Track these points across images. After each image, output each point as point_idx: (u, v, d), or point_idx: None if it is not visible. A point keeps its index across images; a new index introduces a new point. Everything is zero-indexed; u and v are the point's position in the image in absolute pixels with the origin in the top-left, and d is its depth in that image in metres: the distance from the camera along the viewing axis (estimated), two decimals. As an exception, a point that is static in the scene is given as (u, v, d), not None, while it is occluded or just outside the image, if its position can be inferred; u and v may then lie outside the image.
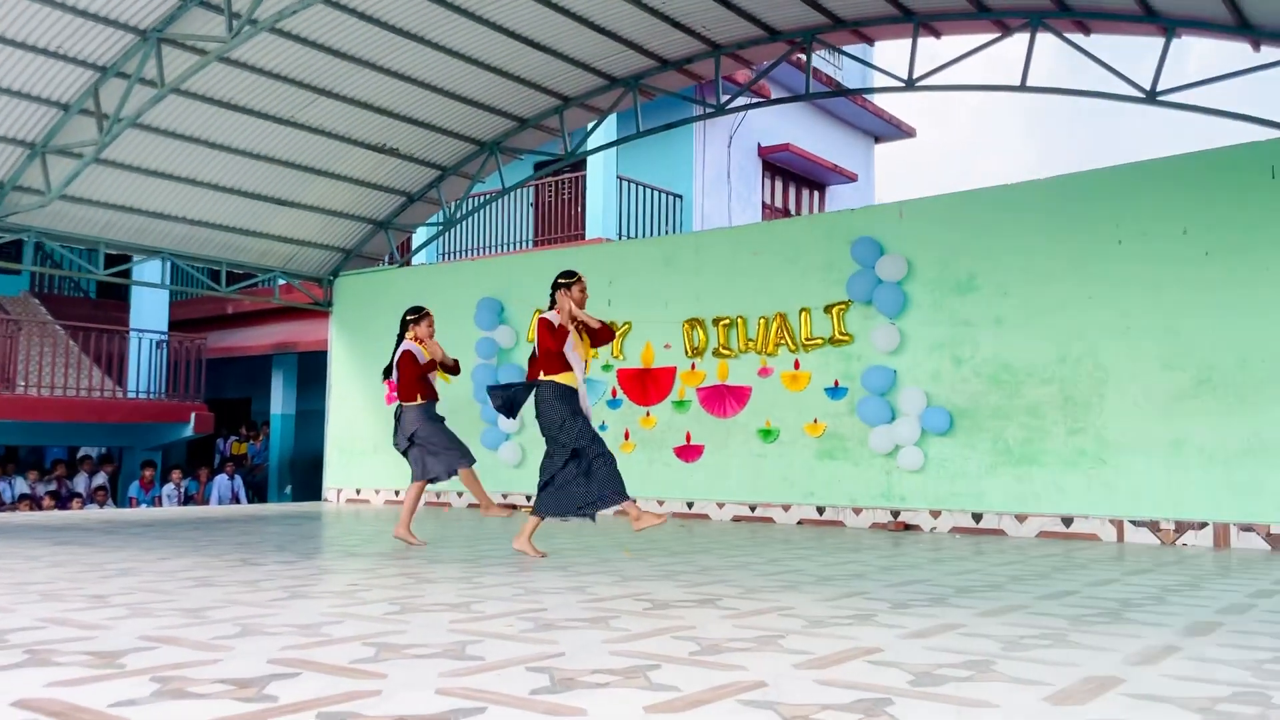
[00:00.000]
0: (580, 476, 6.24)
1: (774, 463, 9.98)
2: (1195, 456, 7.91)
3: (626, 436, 10.99)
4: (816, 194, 19.17)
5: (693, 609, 4.25)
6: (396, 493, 12.88)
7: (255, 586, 4.94)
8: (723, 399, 10.29)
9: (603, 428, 11.18)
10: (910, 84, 9.46)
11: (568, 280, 6.57)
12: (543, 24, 10.03)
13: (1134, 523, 8.13)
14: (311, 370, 18.53)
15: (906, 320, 9.30)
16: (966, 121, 59.31)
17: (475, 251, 16.67)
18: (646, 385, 10.89)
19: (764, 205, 17.50)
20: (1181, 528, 7.93)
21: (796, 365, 9.92)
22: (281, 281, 13.63)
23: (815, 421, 9.75)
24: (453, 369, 7.60)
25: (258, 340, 17.59)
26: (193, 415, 16.23)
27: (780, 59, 10.40)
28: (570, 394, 6.31)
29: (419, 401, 7.39)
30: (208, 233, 12.42)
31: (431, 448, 7.35)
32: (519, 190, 15.76)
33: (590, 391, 11.21)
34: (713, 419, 10.36)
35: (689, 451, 10.47)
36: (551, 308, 6.58)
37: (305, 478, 18.79)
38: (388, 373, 7.62)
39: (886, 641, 3.51)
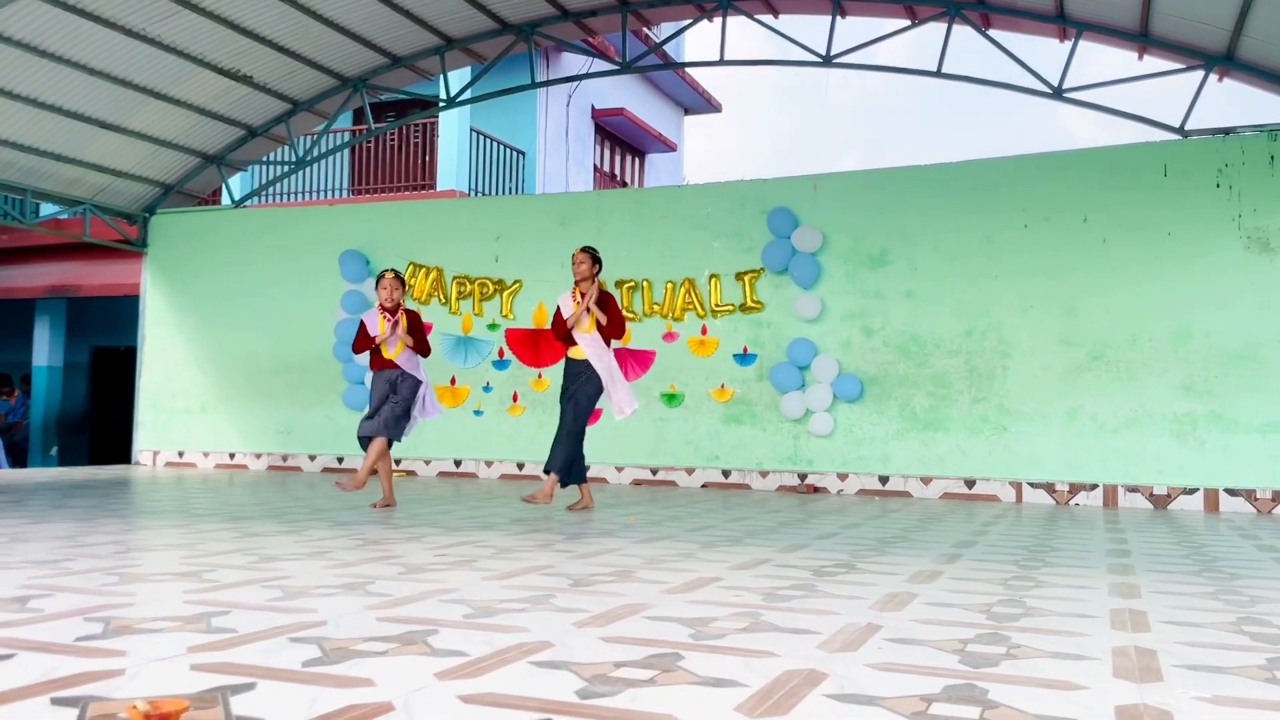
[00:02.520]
0: None
1: (677, 426, 10.01)
2: (1088, 424, 8.73)
3: (515, 399, 10.63)
4: (637, 161, 19.26)
5: (400, 543, 4.96)
6: (231, 456, 11.78)
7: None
8: (624, 362, 10.10)
9: (487, 389, 10.76)
10: (827, 60, 9.69)
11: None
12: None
13: (1031, 484, 8.87)
14: (81, 318, 16.48)
15: (820, 290, 9.58)
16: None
17: (281, 196, 15.35)
18: (540, 346, 10.53)
19: (595, 168, 17.36)
20: (1074, 489, 8.74)
21: (704, 331, 9.97)
22: (71, 215, 11.98)
23: (722, 387, 9.86)
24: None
25: (25, 281, 15.35)
26: (-51, 366, 13.97)
27: (693, 22, 10.32)
28: None
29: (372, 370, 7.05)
30: (11, 154, 10.71)
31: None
32: (357, 134, 14.72)
33: (474, 351, 10.78)
34: (611, 382, 10.20)
35: (585, 415, 10.26)
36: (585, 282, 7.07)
37: (70, 439, 16.73)
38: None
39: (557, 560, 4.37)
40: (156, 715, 1.81)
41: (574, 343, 7.02)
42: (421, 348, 7.03)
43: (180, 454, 12.05)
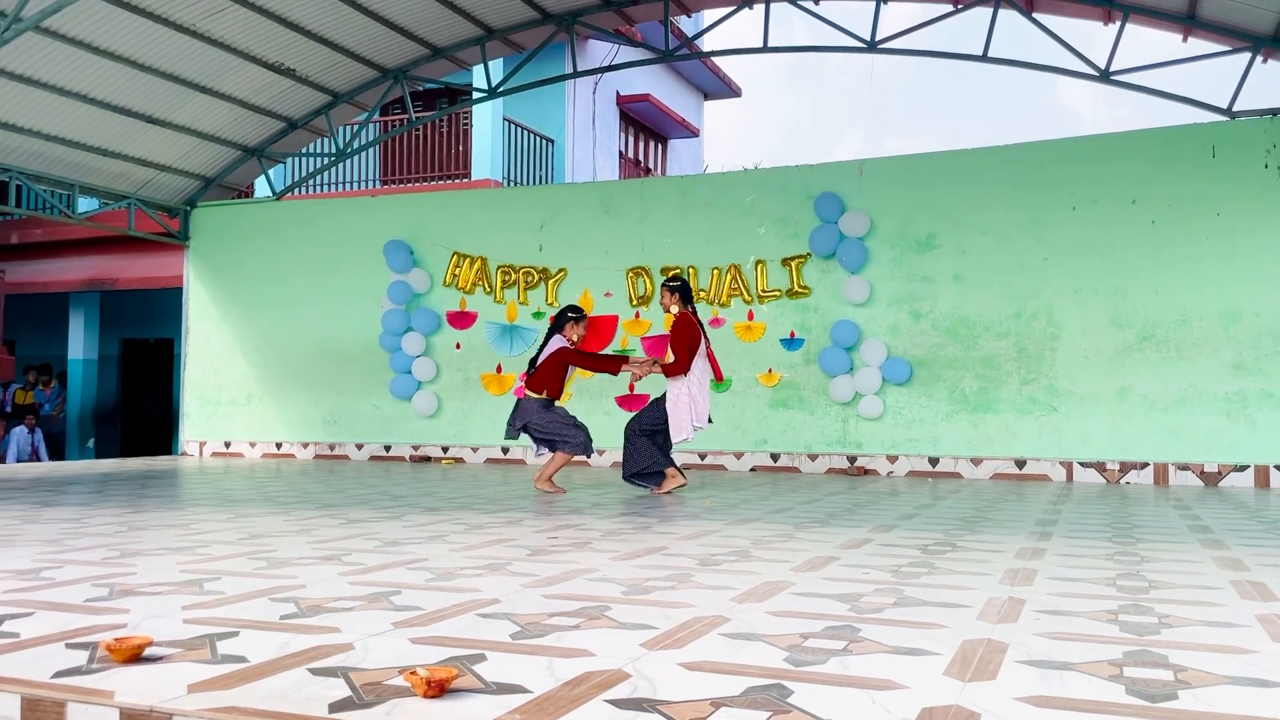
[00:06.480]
0: None
1: (725, 411, 10.10)
2: (1139, 404, 8.84)
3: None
4: (660, 147, 19.33)
5: (502, 527, 5.03)
6: (278, 445, 11.91)
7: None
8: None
9: (533, 376, 10.86)
10: (872, 45, 9.76)
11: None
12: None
13: (1082, 464, 8.98)
14: (112, 311, 16.61)
15: (867, 275, 9.68)
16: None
17: (311, 188, 15.43)
18: (587, 335, 10.64)
19: (620, 155, 17.43)
20: (1125, 468, 8.85)
21: (750, 316, 10.07)
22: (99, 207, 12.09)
23: (770, 371, 9.97)
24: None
25: (61, 275, 15.47)
26: (-10, 360, 14.12)
27: (735, 10, 10.38)
28: None
29: (542, 395, 7.23)
30: (61, 150, 10.81)
31: (554, 433, 7.20)
32: (387, 126, 14.83)
33: (519, 339, 10.90)
34: (659, 368, 10.32)
35: (632, 401, 10.38)
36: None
37: (104, 431, 16.88)
38: (533, 365, 7.33)
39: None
40: (435, 681, 1.94)
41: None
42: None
43: (227, 444, 12.18)
